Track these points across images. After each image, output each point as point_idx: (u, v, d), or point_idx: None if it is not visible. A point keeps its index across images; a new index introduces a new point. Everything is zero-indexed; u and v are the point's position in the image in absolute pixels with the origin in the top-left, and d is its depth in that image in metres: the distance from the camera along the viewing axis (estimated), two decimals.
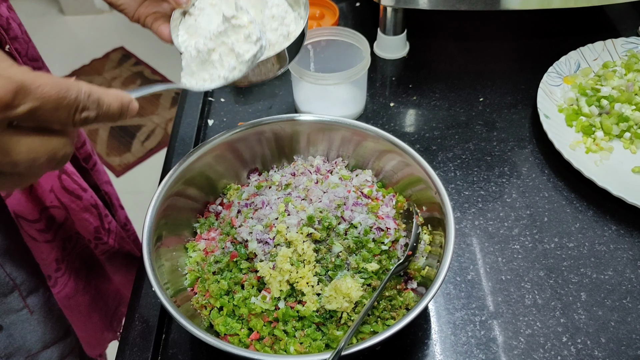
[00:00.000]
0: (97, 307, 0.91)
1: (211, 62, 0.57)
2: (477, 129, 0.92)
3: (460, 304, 0.71)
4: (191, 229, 0.72)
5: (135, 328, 0.68)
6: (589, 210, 0.80)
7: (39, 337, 0.79)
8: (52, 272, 0.77)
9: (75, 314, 0.85)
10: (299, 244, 0.63)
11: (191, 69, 0.60)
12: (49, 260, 0.76)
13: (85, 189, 0.79)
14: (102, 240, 0.84)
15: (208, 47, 0.57)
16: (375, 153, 0.75)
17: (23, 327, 0.77)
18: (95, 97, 0.39)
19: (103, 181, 0.95)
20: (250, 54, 0.56)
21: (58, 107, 0.35)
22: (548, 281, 0.72)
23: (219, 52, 0.57)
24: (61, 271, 0.79)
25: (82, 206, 0.78)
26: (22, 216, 0.71)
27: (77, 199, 0.77)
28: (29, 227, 0.72)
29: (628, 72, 0.94)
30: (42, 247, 0.75)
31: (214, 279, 0.65)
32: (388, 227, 0.68)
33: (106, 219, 0.84)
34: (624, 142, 0.88)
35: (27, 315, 0.78)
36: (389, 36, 1.04)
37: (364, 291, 0.62)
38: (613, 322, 0.68)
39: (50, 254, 0.76)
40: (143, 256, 0.60)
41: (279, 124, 0.75)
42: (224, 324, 0.62)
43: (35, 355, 0.80)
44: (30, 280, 0.77)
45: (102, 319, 0.92)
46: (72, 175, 0.77)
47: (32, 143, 0.36)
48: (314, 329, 0.61)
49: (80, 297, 0.85)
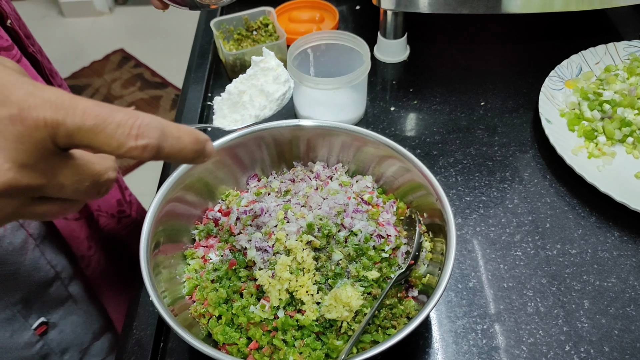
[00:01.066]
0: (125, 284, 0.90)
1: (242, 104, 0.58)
2: (479, 134, 0.92)
3: (462, 312, 0.70)
4: (190, 236, 0.72)
5: (133, 336, 0.67)
6: (592, 216, 0.79)
7: (88, 328, 0.80)
8: (85, 252, 0.77)
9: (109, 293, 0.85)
10: (298, 252, 0.62)
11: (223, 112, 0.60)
12: (81, 238, 0.75)
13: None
14: (124, 213, 0.83)
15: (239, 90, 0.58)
16: (375, 159, 0.74)
17: (72, 320, 0.77)
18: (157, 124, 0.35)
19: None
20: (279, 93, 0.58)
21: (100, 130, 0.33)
22: (550, 288, 0.72)
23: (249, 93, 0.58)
24: (93, 249, 0.78)
25: None
26: None
27: None
28: None
29: (630, 76, 0.93)
30: (73, 225, 0.74)
31: (212, 287, 0.64)
32: (389, 234, 0.67)
33: (126, 191, 0.84)
34: (626, 147, 0.87)
35: (73, 306, 0.78)
36: (389, 40, 1.03)
37: (364, 300, 0.61)
38: (617, 331, 0.67)
39: (81, 232, 0.75)
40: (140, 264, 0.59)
41: (279, 129, 0.74)
42: (222, 333, 0.61)
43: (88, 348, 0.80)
44: (68, 267, 0.77)
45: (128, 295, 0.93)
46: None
47: (77, 166, 0.35)
48: (314, 339, 0.60)
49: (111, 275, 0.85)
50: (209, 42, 1.11)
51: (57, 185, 0.35)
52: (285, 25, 1.11)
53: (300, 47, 0.90)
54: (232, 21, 1.05)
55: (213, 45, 1.10)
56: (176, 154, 0.37)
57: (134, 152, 0.34)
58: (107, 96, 2.77)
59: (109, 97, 2.76)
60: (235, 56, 0.99)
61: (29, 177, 0.33)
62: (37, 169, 0.33)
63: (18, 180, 0.32)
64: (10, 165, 0.32)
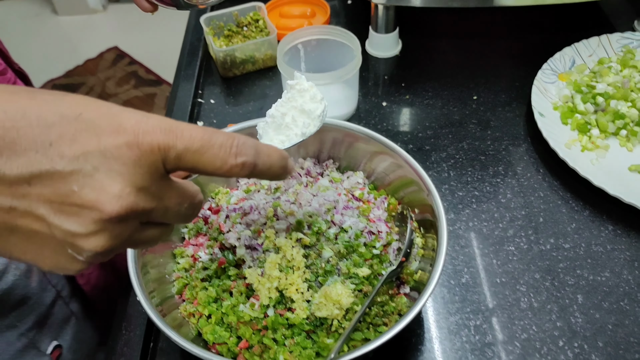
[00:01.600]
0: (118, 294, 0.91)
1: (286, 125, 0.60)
2: (471, 128, 0.91)
3: (455, 308, 0.69)
4: (179, 234, 0.71)
5: (122, 337, 0.67)
6: (585, 210, 0.79)
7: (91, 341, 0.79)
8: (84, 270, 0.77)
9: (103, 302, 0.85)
10: (287, 249, 0.62)
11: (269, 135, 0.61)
12: None
13: None
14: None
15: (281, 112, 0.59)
16: (366, 155, 0.73)
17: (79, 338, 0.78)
18: (250, 144, 0.38)
19: None
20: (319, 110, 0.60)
21: (205, 151, 0.35)
22: (544, 283, 0.71)
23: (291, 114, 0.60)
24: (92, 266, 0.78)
25: None
26: None
27: None
28: None
29: (624, 68, 0.93)
30: None
31: (202, 286, 0.64)
32: (380, 231, 0.67)
33: None
34: (620, 140, 0.86)
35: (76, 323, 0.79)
36: (380, 34, 1.02)
37: (355, 297, 0.60)
38: (610, 325, 0.67)
39: None
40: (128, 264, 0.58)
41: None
42: (212, 332, 0.60)
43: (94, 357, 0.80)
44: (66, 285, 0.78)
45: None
46: None
47: (178, 188, 0.37)
48: (304, 337, 0.59)
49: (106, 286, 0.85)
50: (199, 39, 1.10)
51: (163, 208, 0.36)
52: (276, 21, 1.10)
53: (291, 43, 0.89)
54: (222, 17, 1.04)
55: (203, 42, 1.09)
56: (267, 170, 0.40)
57: (234, 170, 0.37)
58: (101, 94, 2.76)
59: (104, 95, 2.75)
60: (226, 52, 0.98)
61: (145, 200, 0.34)
62: (151, 192, 0.35)
63: (137, 203, 0.34)
64: (131, 189, 0.33)
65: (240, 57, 1.00)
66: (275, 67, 1.04)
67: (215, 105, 0.98)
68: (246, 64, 1.02)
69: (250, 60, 1.02)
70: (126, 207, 0.33)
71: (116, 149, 0.32)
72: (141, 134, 0.33)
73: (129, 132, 0.33)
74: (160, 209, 0.36)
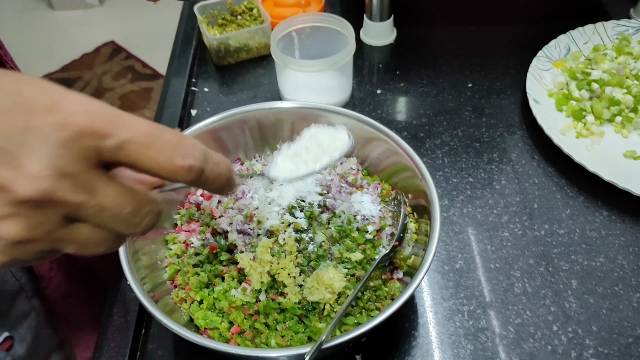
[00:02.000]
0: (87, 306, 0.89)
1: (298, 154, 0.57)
2: (466, 115, 0.91)
3: (448, 293, 0.69)
4: (171, 221, 0.70)
5: (114, 323, 0.66)
6: (580, 196, 0.78)
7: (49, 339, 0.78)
8: (45, 273, 0.76)
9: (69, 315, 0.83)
10: (280, 233, 0.61)
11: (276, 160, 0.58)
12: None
13: None
14: None
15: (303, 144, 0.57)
16: (360, 140, 0.73)
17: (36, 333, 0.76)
18: (201, 147, 0.35)
19: None
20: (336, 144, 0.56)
21: (150, 146, 0.32)
22: (538, 269, 0.71)
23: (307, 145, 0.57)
24: (53, 271, 0.77)
25: None
26: None
27: None
28: None
29: (619, 55, 0.92)
30: None
31: (194, 272, 0.63)
32: (372, 216, 0.66)
33: None
34: (615, 127, 0.86)
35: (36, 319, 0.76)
36: (375, 22, 1.02)
37: (347, 282, 0.60)
38: (604, 310, 0.67)
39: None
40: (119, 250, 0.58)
41: (262, 111, 0.73)
42: (204, 317, 0.60)
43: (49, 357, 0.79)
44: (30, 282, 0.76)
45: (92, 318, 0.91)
46: None
47: (119, 187, 0.33)
48: (296, 322, 0.59)
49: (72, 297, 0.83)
50: (192, 27, 1.10)
51: (97, 205, 0.32)
52: (270, 10, 1.09)
53: (285, 30, 0.89)
54: (216, 6, 1.03)
55: (197, 31, 1.09)
56: (214, 180, 0.36)
57: (179, 172, 0.33)
58: (98, 89, 2.75)
59: (100, 90, 2.74)
60: (220, 41, 0.97)
61: (68, 188, 0.30)
62: (78, 181, 0.30)
63: (56, 189, 0.30)
64: (50, 172, 0.29)
65: (234, 46, 1.00)
66: (269, 55, 1.03)
67: (209, 94, 0.97)
68: (240, 52, 1.01)
69: (244, 48, 1.01)
70: (42, 190, 0.29)
71: (44, 127, 0.29)
72: (76, 114, 0.30)
73: (62, 112, 0.30)
74: (91, 205, 0.31)
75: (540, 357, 0.63)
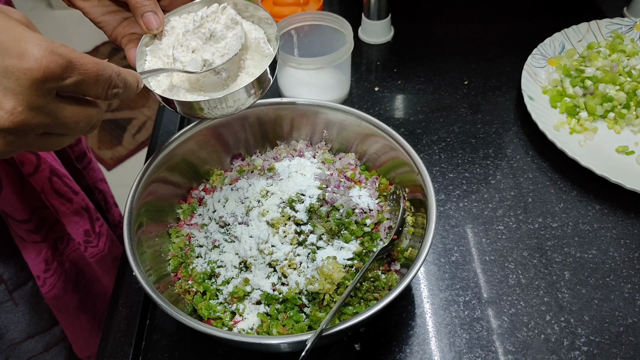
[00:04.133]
0: (85, 308, 0.90)
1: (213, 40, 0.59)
2: (462, 112, 0.92)
3: (444, 285, 0.71)
4: (174, 215, 0.72)
5: (119, 314, 0.68)
6: (573, 190, 0.80)
7: (23, 328, 0.79)
8: (40, 273, 0.77)
9: (64, 314, 0.85)
10: (280, 225, 0.63)
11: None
12: (37, 261, 0.76)
13: (77, 192, 0.78)
14: (91, 243, 0.83)
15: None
16: (358, 137, 0.74)
17: (7, 318, 0.77)
18: (122, 76, 0.46)
19: (97, 179, 0.94)
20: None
21: (96, 82, 0.43)
22: (532, 261, 0.73)
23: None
24: (50, 272, 0.78)
25: (73, 209, 0.78)
26: (11, 216, 0.71)
27: (67, 202, 0.76)
28: (17, 227, 0.72)
29: (612, 52, 0.94)
30: (29, 247, 0.74)
31: (196, 264, 0.65)
32: (370, 209, 0.68)
33: (97, 222, 0.83)
34: (608, 122, 0.88)
35: (11, 306, 0.77)
36: (373, 21, 1.04)
37: (346, 273, 0.62)
38: (596, 300, 0.68)
39: (39, 255, 0.76)
40: (124, 242, 0.60)
41: (262, 108, 0.74)
42: (207, 308, 0.62)
43: (18, 344, 0.79)
44: (17, 276, 0.77)
45: (90, 320, 0.92)
46: (64, 177, 0.76)
47: (74, 110, 0.44)
48: (297, 311, 0.61)
49: (69, 298, 0.84)
50: None
51: (60, 124, 0.43)
52: (269, 8, 1.11)
53: (284, 29, 0.90)
54: None
55: None
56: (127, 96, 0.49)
57: (110, 99, 0.46)
58: None
59: None
60: None
61: (37, 117, 0.41)
62: (44, 110, 0.41)
63: (28, 120, 0.40)
64: (23, 107, 0.39)
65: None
66: None
67: None
68: None
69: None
70: (17, 122, 0.39)
71: (18, 71, 0.38)
72: (44, 64, 0.39)
73: (32, 60, 0.38)
74: (56, 124, 0.43)
75: (534, 346, 0.65)
